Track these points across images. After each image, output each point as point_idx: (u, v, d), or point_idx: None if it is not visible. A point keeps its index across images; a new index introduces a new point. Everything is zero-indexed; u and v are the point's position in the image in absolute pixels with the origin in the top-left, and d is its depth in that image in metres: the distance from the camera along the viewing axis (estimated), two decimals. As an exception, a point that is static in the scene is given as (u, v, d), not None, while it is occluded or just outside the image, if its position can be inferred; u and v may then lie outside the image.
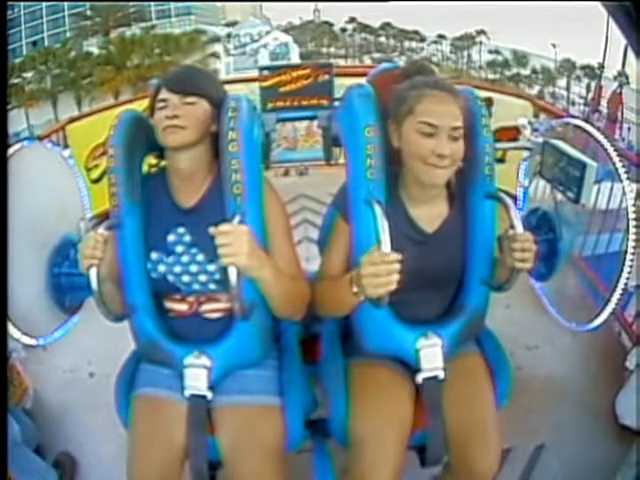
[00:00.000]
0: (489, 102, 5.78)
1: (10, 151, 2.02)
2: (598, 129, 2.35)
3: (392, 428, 1.89)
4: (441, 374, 1.92)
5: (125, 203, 1.89)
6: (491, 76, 43.00)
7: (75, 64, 37.39)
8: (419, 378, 1.93)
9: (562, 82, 39.37)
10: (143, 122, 1.96)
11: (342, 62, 48.82)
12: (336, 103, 3.94)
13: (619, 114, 22.41)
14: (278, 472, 1.88)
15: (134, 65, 39.00)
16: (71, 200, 2.37)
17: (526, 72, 41.85)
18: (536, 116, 5.30)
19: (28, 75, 34.92)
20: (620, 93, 22.96)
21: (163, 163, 2.00)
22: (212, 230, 1.57)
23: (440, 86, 1.77)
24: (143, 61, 39.52)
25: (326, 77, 4.13)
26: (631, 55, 1.44)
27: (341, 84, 5.47)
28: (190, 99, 1.84)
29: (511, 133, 5.41)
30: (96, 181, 5.30)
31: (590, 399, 3.10)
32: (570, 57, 38.11)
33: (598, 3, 1.41)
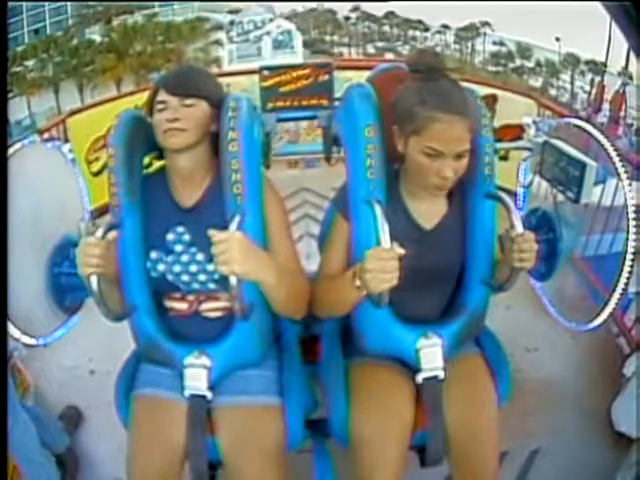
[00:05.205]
0: (494, 99, 5.77)
1: (10, 151, 2.02)
2: (600, 130, 2.34)
3: (392, 428, 1.90)
4: (441, 374, 1.93)
5: (125, 203, 1.89)
6: (494, 68, 42.84)
7: (77, 52, 37.25)
8: (419, 378, 1.94)
9: (566, 76, 39.19)
10: (143, 122, 1.96)
11: (345, 50, 48.63)
12: (336, 103, 3.95)
13: (621, 114, 22.16)
14: (278, 472, 1.89)
15: (136, 53, 38.88)
16: (71, 200, 2.38)
17: (530, 64, 41.68)
18: (539, 115, 5.28)
19: (30, 63, 34.81)
20: (623, 93, 22.74)
21: (162, 162, 2.00)
22: (210, 234, 1.58)
23: (451, 109, 1.69)
24: (145, 49, 39.40)
25: (326, 77, 4.11)
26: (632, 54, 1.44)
27: (344, 77, 5.47)
28: (189, 101, 1.84)
29: (515, 131, 5.38)
30: (97, 174, 5.31)
31: (588, 404, 3.10)
32: (574, 51, 37.90)
33: (598, 3, 1.41)
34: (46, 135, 4.87)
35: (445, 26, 48.05)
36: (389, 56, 45.04)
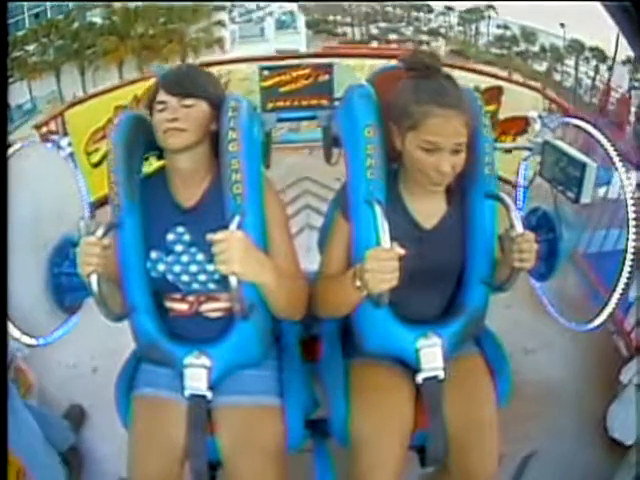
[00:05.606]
0: (499, 91, 5.77)
1: (10, 151, 2.02)
2: (600, 130, 2.33)
3: (392, 428, 1.91)
4: (441, 374, 1.93)
5: (125, 203, 1.89)
6: (499, 51, 42.51)
7: (78, 35, 36.97)
8: (419, 378, 1.94)
9: (570, 61, 38.80)
10: (143, 122, 1.96)
11: (348, 30, 48.28)
12: (336, 103, 3.95)
13: (626, 119, 21.84)
14: (278, 472, 1.89)
15: (138, 35, 38.62)
16: (71, 200, 2.37)
17: (534, 49, 41.35)
18: (545, 109, 5.26)
19: (31, 48, 34.54)
20: (629, 97, 22.47)
21: (162, 162, 2.00)
22: (209, 237, 1.59)
23: (447, 103, 1.71)
24: (147, 30, 39.15)
25: (326, 77, 4.11)
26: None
27: (346, 65, 5.46)
28: (189, 101, 1.84)
29: (520, 124, 5.40)
30: (96, 165, 5.33)
31: (586, 407, 3.11)
32: (579, 38, 37.48)
33: (598, 3, 1.41)
34: (44, 129, 4.87)
35: (449, 8, 47.68)
36: (392, 37, 44.85)
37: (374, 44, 42.27)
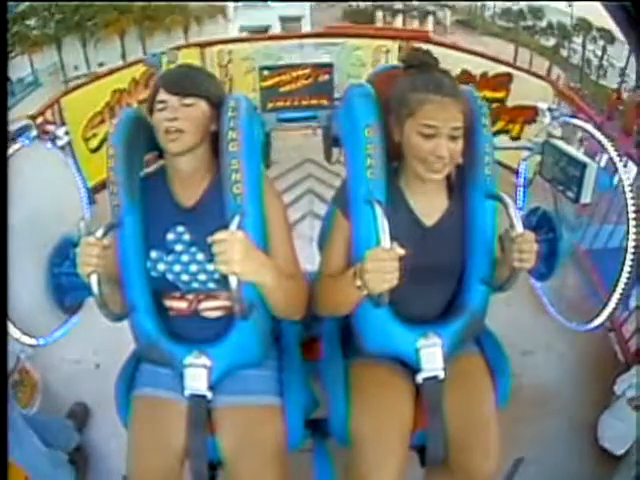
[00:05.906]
0: (508, 78, 5.75)
1: (10, 151, 2.01)
2: (601, 131, 2.31)
3: (392, 428, 1.91)
4: (441, 374, 1.93)
5: (125, 202, 1.89)
6: (505, 24, 42.04)
7: (78, 9, 36.65)
8: (419, 378, 1.94)
9: (578, 39, 38.37)
10: (143, 122, 1.96)
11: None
12: (336, 103, 3.91)
13: (634, 126, 21.32)
14: (278, 472, 1.89)
15: (140, 7, 38.21)
16: (71, 200, 2.37)
17: (542, 24, 40.90)
18: (554, 102, 5.23)
19: (31, 22, 34.19)
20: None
21: (162, 162, 2.00)
22: (209, 238, 1.59)
23: (443, 91, 1.74)
24: (149, 1, 38.70)
25: (326, 77, 4.10)
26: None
27: (352, 45, 5.44)
28: (189, 101, 1.84)
29: (528, 113, 5.37)
30: (95, 150, 5.31)
31: (579, 413, 3.10)
32: (587, 17, 37.04)
33: (598, 3, 1.40)
34: (40, 119, 4.82)
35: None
36: (398, 6, 44.49)
37: (379, 13, 41.76)
